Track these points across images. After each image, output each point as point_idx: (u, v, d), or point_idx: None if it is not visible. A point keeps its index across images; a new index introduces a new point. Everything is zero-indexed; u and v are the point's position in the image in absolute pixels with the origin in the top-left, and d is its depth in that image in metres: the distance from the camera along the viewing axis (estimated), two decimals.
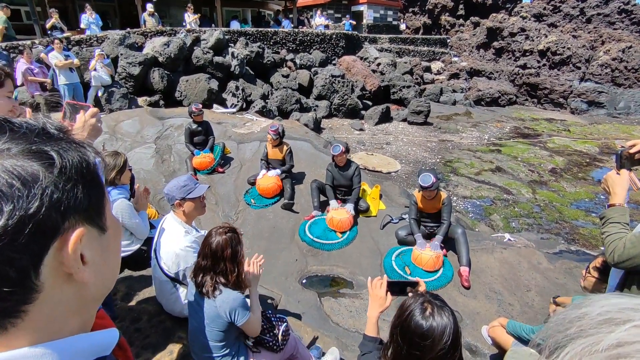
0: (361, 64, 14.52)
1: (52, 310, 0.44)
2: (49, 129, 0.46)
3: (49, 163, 0.42)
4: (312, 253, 4.36)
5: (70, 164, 0.44)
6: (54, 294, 0.43)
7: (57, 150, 0.43)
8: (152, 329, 2.55)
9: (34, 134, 0.44)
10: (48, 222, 0.41)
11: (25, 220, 0.38)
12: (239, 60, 10.96)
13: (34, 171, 0.40)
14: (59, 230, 0.42)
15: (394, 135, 11.22)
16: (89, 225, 0.46)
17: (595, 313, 0.32)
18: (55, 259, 0.42)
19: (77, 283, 0.46)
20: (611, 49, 15.98)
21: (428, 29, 23.12)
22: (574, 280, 3.72)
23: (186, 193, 2.30)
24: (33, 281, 0.40)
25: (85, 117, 1.55)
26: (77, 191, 0.44)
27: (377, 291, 1.66)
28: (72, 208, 0.43)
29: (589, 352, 0.30)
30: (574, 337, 0.32)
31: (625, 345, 0.28)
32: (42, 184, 0.40)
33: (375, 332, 1.68)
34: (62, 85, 7.64)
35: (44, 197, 0.40)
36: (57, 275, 0.43)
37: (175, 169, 6.03)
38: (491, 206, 7.01)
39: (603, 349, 0.29)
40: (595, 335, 0.30)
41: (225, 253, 1.89)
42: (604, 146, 10.98)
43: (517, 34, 18.01)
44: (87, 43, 9.80)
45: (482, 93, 16.37)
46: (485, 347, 3.05)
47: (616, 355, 0.28)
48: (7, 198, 0.38)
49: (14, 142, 0.41)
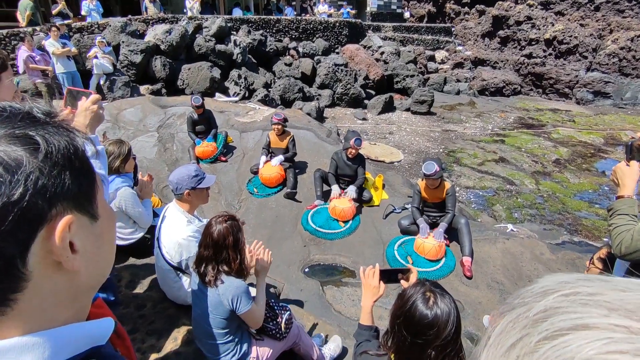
0: (364, 52, 14.35)
1: (43, 299, 0.43)
2: (35, 113, 0.44)
3: (33, 148, 0.40)
4: (314, 242, 4.37)
5: (56, 148, 0.42)
6: (44, 282, 0.42)
7: (42, 135, 0.42)
8: (156, 316, 2.58)
9: (17, 117, 0.42)
10: (33, 209, 0.39)
11: (8, 207, 0.37)
12: (241, 48, 10.85)
13: (17, 156, 0.39)
14: (45, 217, 0.41)
15: (397, 124, 11.14)
16: (78, 212, 0.45)
17: (538, 287, 0.36)
18: (43, 247, 0.41)
19: (69, 272, 0.45)
20: (619, 37, 15.70)
21: (432, 17, 22.76)
22: (577, 271, 3.72)
23: (197, 183, 2.30)
24: (20, 269, 0.39)
25: (86, 104, 1.53)
26: (65, 177, 0.43)
27: (370, 280, 1.66)
28: (60, 195, 0.42)
29: (521, 318, 0.33)
30: (515, 307, 0.35)
31: (549, 310, 0.32)
32: (26, 169, 0.39)
33: (370, 321, 1.68)
34: (60, 73, 7.60)
35: (27, 183, 0.39)
36: (46, 263, 0.42)
37: (177, 157, 6.02)
38: (494, 197, 6.99)
39: (532, 314, 0.33)
40: (529, 304, 0.34)
41: (227, 241, 1.89)
42: (609, 137, 10.89)
43: (523, 23, 17.70)
44: (88, 30, 9.71)
45: (487, 83, 16.18)
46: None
47: (539, 319, 0.32)
48: None
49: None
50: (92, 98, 1.55)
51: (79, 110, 1.54)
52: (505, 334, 0.34)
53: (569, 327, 0.29)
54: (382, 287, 1.66)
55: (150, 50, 9.48)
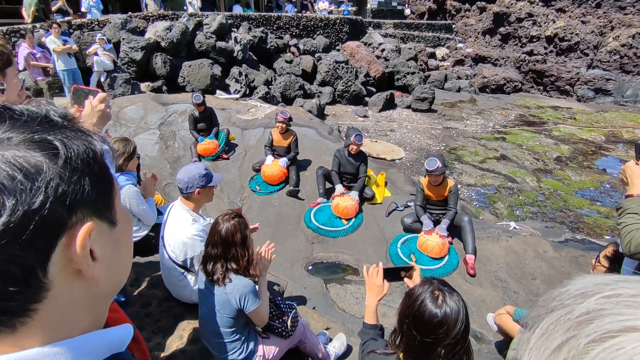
0: (365, 49, 14.30)
1: (63, 308, 0.42)
2: (53, 116, 0.43)
3: (52, 153, 0.39)
4: (317, 240, 4.37)
5: (75, 153, 0.41)
6: (64, 291, 0.41)
7: (61, 140, 0.41)
8: (161, 314, 2.58)
9: (36, 122, 0.41)
10: (54, 217, 0.38)
11: (29, 216, 0.36)
12: (242, 45, 10.81)
13: (37, 162, 0.38)
14: (65, 225, 0.40)
15: (398, 122, 11.13)
16: (97, 219, 0.44)
17: (574, 288, 0.36)
18: (64, 255, 0.40)
19: (88, 280, 0.44)
20: (621, 34, 15.65)
21: (433, 14, 22.67)
22: (580, 269, 3.73)
23: (207, 182, 2.31)
24: (41, 279, 0.38)
25: (94, 102, 1.52)
26: (84, 183, 0.42)
27: (374, 279, 1.65)
28: (79, 201, 0.41)
29: (562, 320, 0.34)
30: (553, 309, 0.36)
31: (592, 312, 0.32)
32: (47, 176, 0.38)
33: (375, 320, 1.68)
34: (61, 71, 7.55)
35: (48, 190, 0.38)
36: (66, 272, 0.41)
37: (179, 155, 6.02)
38: (495, 194, 6.99)
39: (574, 317, 0.33)
40: (569, 306, 0.34)
41: (235, 238, 1.90)
42: (610, 135, 10.88)
43: (525, 20, 17.63)
44: (89, 27, 9.66)
45: (487, 80, 16.15)
46: (490, 334, 3.08)
47: (584, 321, 0.32)
48: (9, 192, 0.35)
49: (15, 131, 0.39)
50: (99, 96, 1.54)
51: (87, 109, 1.53)
52: (547, 337, 0.34)
53: (617, 330, 0.30)
54: (387, 286, 1.66)
55: (150, 47, 9.44)
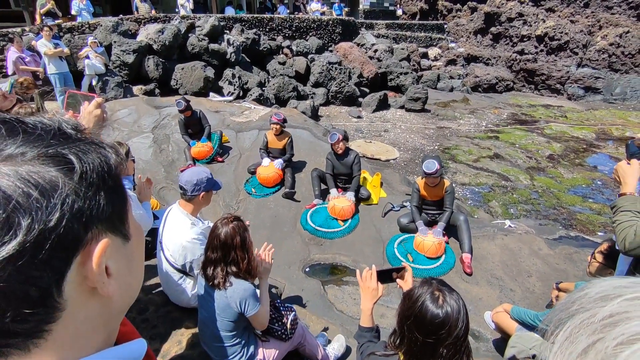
0: (358, 50, 14.34)
1: (77, 327, 0.40)
2: (65, 128, 0.41)
3: (67, 168, 0.38)
4: (314, 241, 4.37)
5: (91, 168, 0.40)
6: (78, 310, 0.40)
7: (75, 153, 0.39)
8: (159, 320, 2.56)
9: (50, 135, 0.39)
10: (70, 234, 0.37)
11: (45, 235, 0.35)
12: (234, 47, 10.78)
13: (52, 178, 0.36)
14: (81, 242, 0.39)
15: (392, 122, 11.17)
16: (112, 234, 0.43)
17: (593, 292, 0.37)
18: (79, 273, 0.39)
19: (102, 297, 0.43)
20: (608, 34, 15.89)
21: (425, 15, 22.81)
22: (575, 266, 3.78)
23: (211, 186, 2.33)
24: (56, 299, 0.37)
25: (89, 108, 1.51)
26: (100, 198, 0.40)
27: (368, 283, 1.65)
28: (95, 217, 0.40)
29: (586, 324, 0.34)
30: (574, 313, 0.36)
31: (616, 315, 0.33)
32: (63, 192, 0.37)
33: (371, 323, 1.68)
34: (52, 74, 7.46)
35: (64, 207, 0.36)
36: (81, 290, 0.40)
37: (174, 158, 5.98)
38: (490, 193, 7.05)
39: (598, 320, 0.34)
40: (591, 310, 0.35)
41: (234, 241, 1.90)
42: (600, 132, 11.03)
43: (515, 19, 17.82)
44: (79, 30, 9.58)
45: (480, 79, 16.28)
46: (487, 332, 3.10)
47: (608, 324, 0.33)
48: (24, 210, 0.34)
49: (29, 146, 0.37)
50: (95, 101, 1.52)
51: (83, 115, 1.51)
52: (572, 341, 0.35)
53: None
54: (381, 288, 1.66)
55: (142, 50, 9.38)
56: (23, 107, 3.12)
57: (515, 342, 2.28)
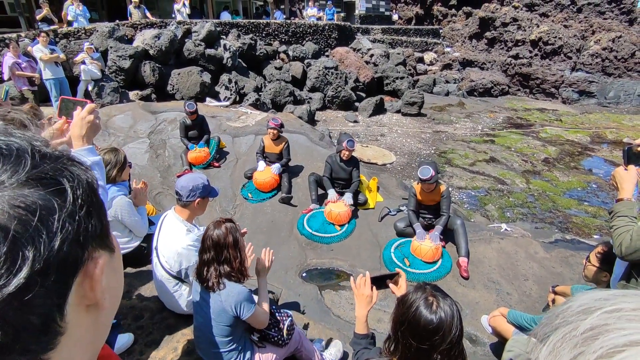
0: (354, 55, 14.42)
1: (71, 349, 0.38)
2: (39, 146, 0.38)
3: (57, 190, 0.36)
4: (311, 246, 4.36)
5: (79, 187, 0.38)
6: (75, 331, 0.38)
7: (62, 174, 0.37)
8: (154, 326, 2.54)
9: (29, 155, 0.36)
10: (71, 257, 0.36)
11: (49, 262, 0.33)
12: (231, 52, 10.81)
13: (46, 203, 0.34)
14: (81, 263, 0.38)
15: (388, 126, 11.21)
16: (101, 249, 0.42)
17: (576, 305, 0.38)
18: (77, 294, 0.38)
19: (94, 313, 0.42)
20: (601, 38, 16.08)
21: (420, 19, 23.01)
22: (571, 269, 3.79)
23: (207, 193, 2.33)
24: (59, 324, 0.36)
25: (82, 113, 1.50)
26: (91, 217, 0.39)
27: (363, 290, 1.65)
28: (89, 236, 0.39)
29: (568, 338, 0.35)
30: (558, 327, 0.37)
31: (596, 328, 0.34)
32: (60, 216, 0.35)
33: (366, 330, 1.68)
34: (48, 80, 7.45)
35: (64, 231, 0.35)
36: (78, 310, 0.39)
37: (170, 164, 5.97)
38: (486, 196, 7.07)
39: (579, 333, 0.34)
40: (573, 323, 0.36)
41: (227, 241, 1.91)
42: (595, 135, 11.11)
43: (509, 24, 18.01)
44: (75, 36, 9.56)
45: (475, 83, 16.40)
46: (485, 336, 3.10)
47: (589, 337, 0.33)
48: (25, 241, 0.32)
49: (12, 170, 0.34)
50: (88, 107, 1.51)
51: (75, 121, 1.50)
52: (555, 354, 0.35)
53: (622, 344, 0.31)
54: (375, 295, 1.66)
55: (139, 55, 9.38)
56: (17, 113, 3.11)
57: (512, 346, 2.28)
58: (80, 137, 1.48)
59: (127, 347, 2.32)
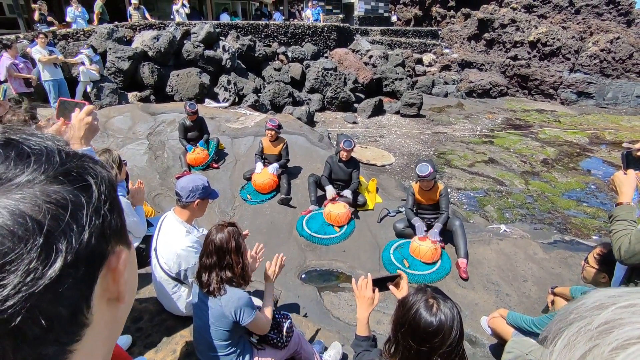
0: (353, 56, 14.45)
1: (93, 343, 0.40)
2: (63, 147, 0.41)
3: (84, 186, 0.38)
4: (310, 248, 4.36)
5: (103, 183, 0.41)
6: (97, 324, 0.40)
7: (86, 171, 0.40)
8: (153, 328, 2.53)
9: (56, 155, 0.39)
10: (98, 250, 0.38)
11: (79, 255, 0.35)
12: (230, 53, 10.81)
13: (74, 199, 0.37)
14: (105, 256, 0.40)
15: (387, 127, 11.22)
16: (121, 244, 0.44)
17: (590, 302, 0.39)
18: (101, 286, 0.40)
19: (114, 307, 0.43)
20: (599, 40, 16.14)
21: (419, 21, 23.06)
22: (570, 270, 3.79)
23: (207, 194, 2.32)
24: (86, 315, 0.37)
25: (80, 115, 1.49)
26: (113, 211, 0.42)
27: (364, 292, 1.64)
28: (112, 230, 0.41)
29: (583, 331, 0.36)
30: (572, 322, 0.38)
31: (611, 322, 0.35)
32: (87, 210, 0.37)
33: (367, 332, 1.67)
34: (46, 81, 7.43)
35: (91, 225, 0.37)
36: (101, 303, 0.41)
37: (169, 165, 5.95)
38: (485, 197, 7.08)
39: (594, 327, 0.35)
40: (588, 318, 0.37)
41: (229, 246, 1.90)
42: (593, 136, 11.14)
43: (508, 25, 18.07)
44: (74, 37, 9.56)
45: (474, 85, 16.44)
46: (484, 337, 3.09)
47: (604, 330, 0.34)
48: (59, 235, 0.34)
49: (43, 168, 0.37)
50: (86, 109, 1.51)
51: (73, 122, 1.50)
52: (570, 347, 0.36)
53: (637, 336, 0.32)
54: (377, 297, 1.65)
55: (137, 56, 9.38)
56: (16, 115, 3.10)
57: (511, 348, 2.26)
58: (78, 139, 1.48)
59: (125, 349, 2.31)
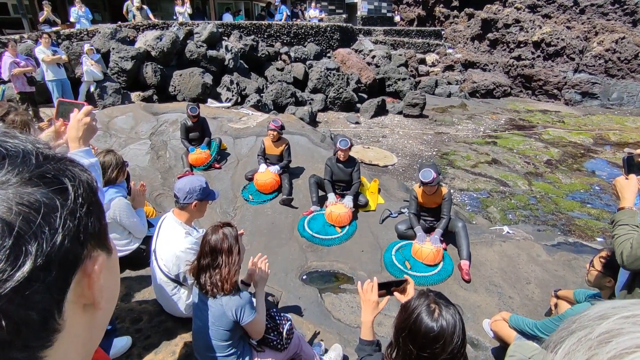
0: (356, 56, 14.42)
1: (67, 348, 0.39)
2: (42, 148, 0.40)
3: (60, 189, 0.38)
4: (311, 249, 4.34)
5: (80, 186, 0.40)
6: (71, 330, 0.39)
7: (64, 173, 0.39)
8: (153, 330, 2.52)
9: (33, 156, 0.38)
10: (71, 254, 0.37)
11: (50, 258, 0.34)
12: (232, 53, 10.82)
13: (48, 201, 0.36)
14: (80, 261, 0.39)
15: (390, 128, 11.19)
16: (99, 249, 0.43)
17: (593, 312, 0.39)
18: (76, 292, 0.39)
19: (90, 313, 0.42)
20: (604, 40, 16.01)
21: (422, 21, 22.98)
22: (573, 273, 3.75)
23: (205, 195, 2.30)
24: (57, 321, 0.37)
25: (79, 115, 1.49)
26: (90, 215, 0.41)
27: (370, 296, 1.61)
28: (88, 235, 0.40)
29: (584, 341, 0.36)
30: (574, 331, 0.38)
31: (612, 331, 0.35)
32: (61, 213, 0.37)
33: (372, 336, 1.64)
34: (50, 81, 7.46)
35: (65, 228, 0.36)
36: (75, 308, 0.40)
37: (171, 165, 5.96)
38: (488, 198, 7.03)
39: (594, 336, 0.36)
40: (589, 327, 0.37)
41: (222, 246, 1.89)
42: (597, 137, 11.06)
43: (512, 25, 17.97)
44: (78, 37, 9.59)
45: (477, 85, 16.36)
46: (486, 340, 3.07)
47: (604, 340, 0.34)
48: (29, 237, 0.33)
49: (17, 169, 0.36)
50: (84, 109, 1.50)
51: (72, 123, 1.49)
52: (570, 356, 0.37)
53: (635, 346, 0.33)
54: (384, 302, 1.61)
55: (140, 56, 9.40)
56: (18, 115, 3.10)
57: (514, 351, 2.24)
58: (76, 139, 1.47)
59: (125, 351, 2.31)
